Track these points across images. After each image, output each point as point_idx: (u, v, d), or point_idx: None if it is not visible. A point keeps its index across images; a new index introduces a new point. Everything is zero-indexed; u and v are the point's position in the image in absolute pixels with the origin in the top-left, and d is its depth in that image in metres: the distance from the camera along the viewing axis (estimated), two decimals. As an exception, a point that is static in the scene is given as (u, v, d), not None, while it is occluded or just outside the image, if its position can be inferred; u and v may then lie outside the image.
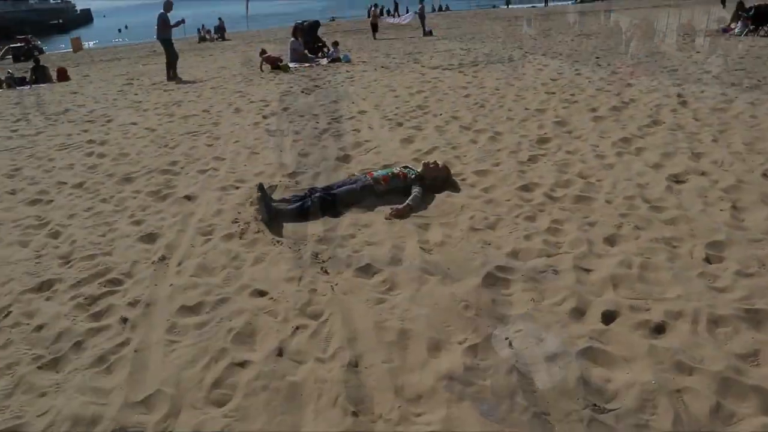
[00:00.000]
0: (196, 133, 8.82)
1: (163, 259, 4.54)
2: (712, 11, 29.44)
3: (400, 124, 8.39)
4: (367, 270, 4.12)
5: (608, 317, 3.42)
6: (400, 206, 5.01)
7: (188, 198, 5.88)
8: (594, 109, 8.37)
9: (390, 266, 4.16)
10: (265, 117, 9.68)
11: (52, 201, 6.22)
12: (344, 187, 5.29)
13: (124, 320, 3.70)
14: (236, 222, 5.12)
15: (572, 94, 9.58)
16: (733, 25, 20.08)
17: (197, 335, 3.50)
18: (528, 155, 6.39)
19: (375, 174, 5.49)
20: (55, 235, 5.27)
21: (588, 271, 3.94)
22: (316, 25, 20.24)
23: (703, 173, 5.53)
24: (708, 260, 3.98)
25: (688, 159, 5.92)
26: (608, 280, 3.76)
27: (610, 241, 4.35)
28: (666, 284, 3.71)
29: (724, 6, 32.45)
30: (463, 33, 26.24)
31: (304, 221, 4.99)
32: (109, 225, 5.38)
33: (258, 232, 4.88)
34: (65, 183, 6.80)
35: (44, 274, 4.48)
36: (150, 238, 4.99)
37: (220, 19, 37.98)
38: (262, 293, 3.93)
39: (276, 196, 5.64)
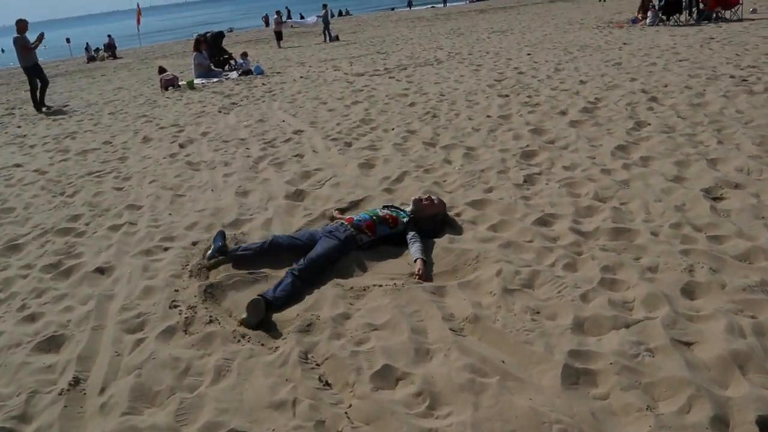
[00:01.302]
0: (100, 174, 7.18)
1: (75, 383, 3.08)
2: (605, 5, 30.07)
3: (348, 144, 7.17)
4: (387, 376, 2.88)
5: (765, 426, 2.37)
6: (417, 268, 3.81)
7: (101, 271, 4.39)
8: (564, 113, 7.49)
9: (417, 365, 2.94)
10: (182, 146, 8.15)
11: None
12: (321, 247, 4.00)
13: None
14: (176, 306, 3.72)
15: (529, 96, 8.70)
16: (641, 16, 20.28)
17: None
18: (521, 175, 5.35)
19: (355, 219, 4.24)
20: None
21: (689, 344, 2.90)
22: (220, 36, 18.54)
23: (737, 186, 4.68)
24: (831, 312, 3.04)
25: (708, 167, 5.08)
26: (728, 361, 2.71)
27: (689, 292, 3.34)
28: (805, 358, 2.72)
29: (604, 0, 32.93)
30: (371, 37, 25.30)
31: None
32: (-11, 325, 3.82)
33: (211, 321, 3.50)
34: (-76, 258, 5.07)
35: None
36: (52, 344, 3.50)
37: (109, 36, 35.07)
38: (242, 437, 2.61)
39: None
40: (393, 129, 7.61)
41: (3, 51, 65.57)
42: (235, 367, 3.06)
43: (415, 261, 3.89)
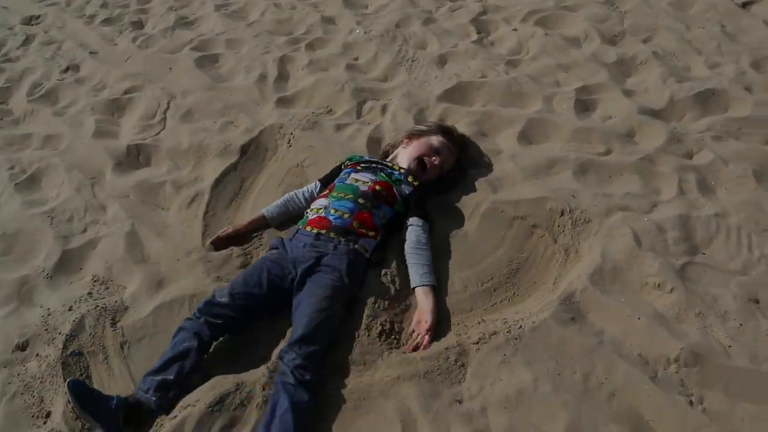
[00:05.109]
0: None
1: None
2: None
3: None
4: None
5: None
6: (424, 320, 2.06)
7: None
8: None
9: None
10: None
11: None
12: (313, 306, 2.03)
13: None
14: None
15: None
16: None
17: None
18: (466, 23, 3.63)
19: (332, 218, 2.30)
20: None
21: None
22: None
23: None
24: None
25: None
26: None
27: None
28: None
29: None
30: None
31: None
32: None
33: None
34: None
35: None
36: None
37: None
38: None
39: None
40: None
41: None
42: None
43: (414, 289, 2.17)
